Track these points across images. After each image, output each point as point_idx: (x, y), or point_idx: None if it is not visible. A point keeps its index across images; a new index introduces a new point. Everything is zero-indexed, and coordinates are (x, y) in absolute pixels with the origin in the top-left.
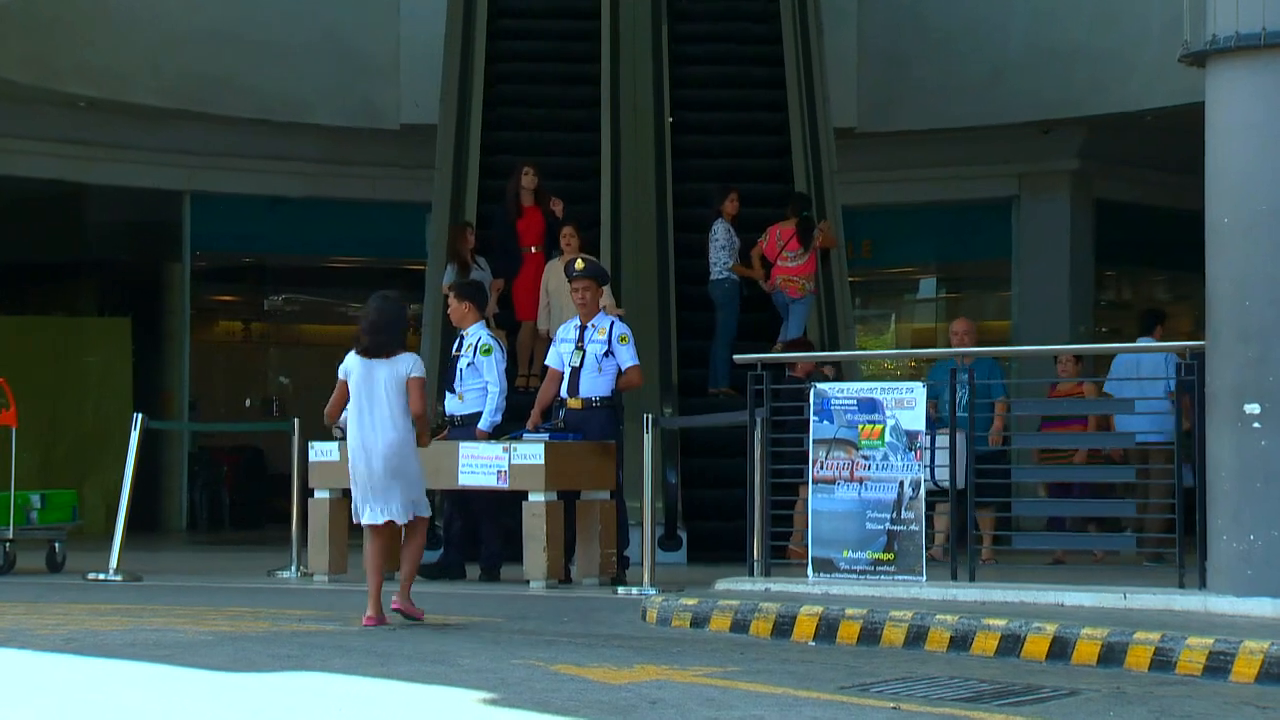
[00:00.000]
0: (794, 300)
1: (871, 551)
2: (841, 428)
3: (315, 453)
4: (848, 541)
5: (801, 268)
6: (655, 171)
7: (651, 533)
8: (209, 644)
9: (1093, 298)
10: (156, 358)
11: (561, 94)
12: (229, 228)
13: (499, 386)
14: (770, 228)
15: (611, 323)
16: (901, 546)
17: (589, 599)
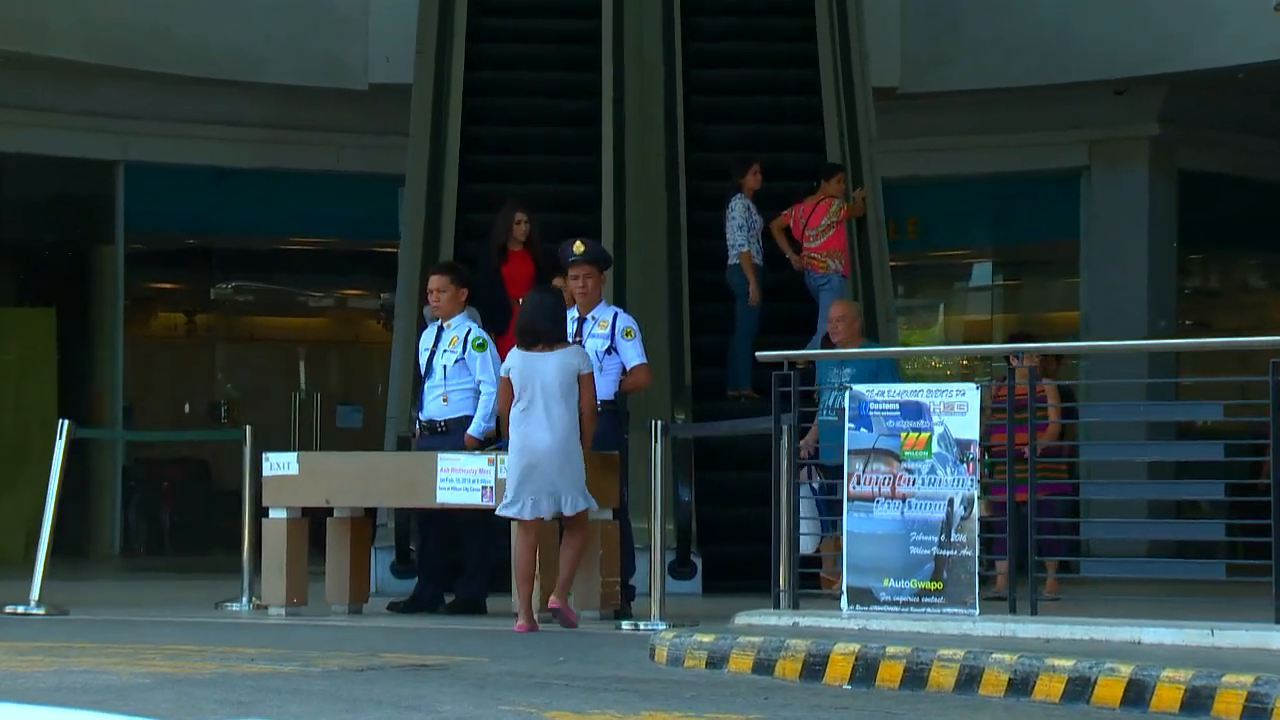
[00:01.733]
0: (819, 280)
1: (916, 580)
2: (882, 436)
3: (270, 465)
4: (889, 569)
5: (826, 243)
6: (665, 138)
7: (661, 559)
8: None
9: (1174, 285)
10: (85, 355)
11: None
12: (169, 204)
13: (494, 387)
14: (796, 204)
15: (615, 314)
16: (951, 574)
17: (589, 635)
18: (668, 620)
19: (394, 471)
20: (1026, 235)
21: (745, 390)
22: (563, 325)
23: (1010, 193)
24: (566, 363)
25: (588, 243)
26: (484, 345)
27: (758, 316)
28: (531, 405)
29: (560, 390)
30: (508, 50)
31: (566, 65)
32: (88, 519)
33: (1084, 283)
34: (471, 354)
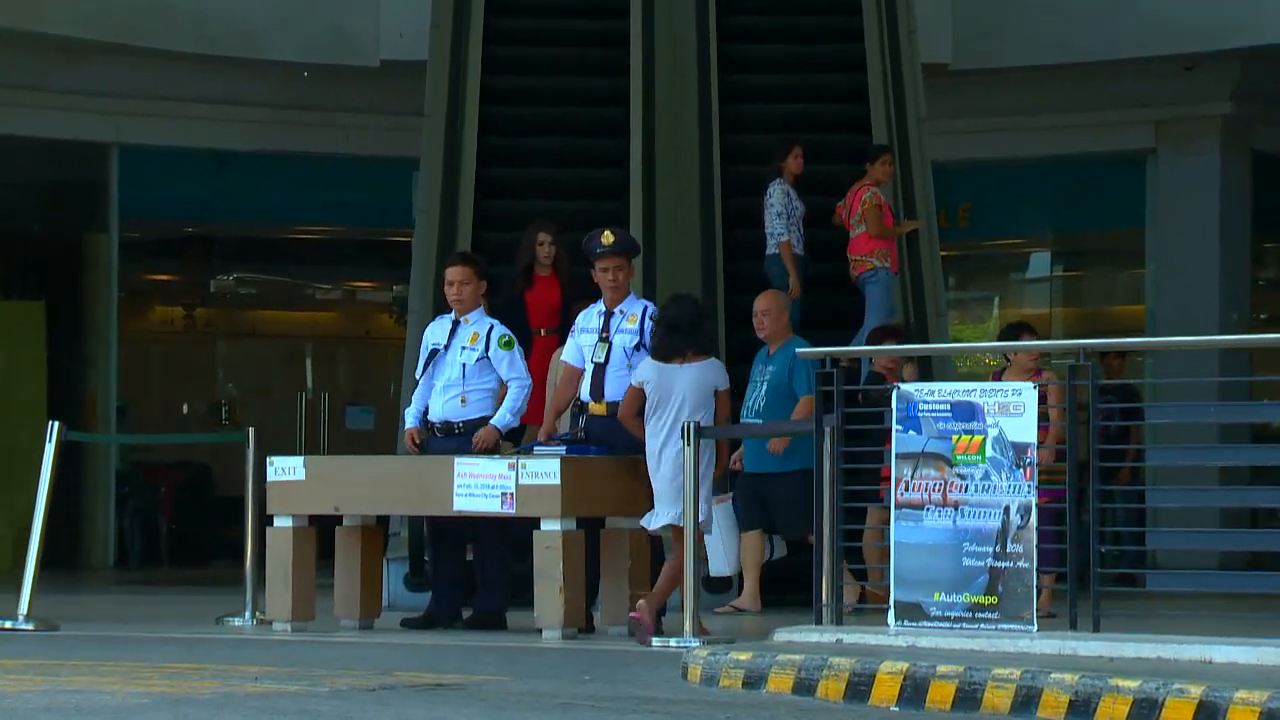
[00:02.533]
0: (864, 277)
1: (969, 594)
2: (932, 439)
3: (274, 470)
4: (939, 581)
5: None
6: (699, 119)
7: (695, 571)
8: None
9: (1248, 276)
10: (76, 352)
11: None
12: (166, 190)
13: (527, 383)
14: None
15: (644, 308)
16: (1007, 587)
17: (617, 652)
18: (702, 637)
19: (407, 477)
20: (1088, 223)
21: None
22: (700, 337)
23: (1070, 177)
24: (704, 378)
25: (616, 232)
26: (511, 343)
27: (799, 311)
28: (659, 418)
29: (695, 405)
30: (529, 25)
31: (592, 40)
32: (79, 528)
33: (1150, 274)
34: (498, 352)
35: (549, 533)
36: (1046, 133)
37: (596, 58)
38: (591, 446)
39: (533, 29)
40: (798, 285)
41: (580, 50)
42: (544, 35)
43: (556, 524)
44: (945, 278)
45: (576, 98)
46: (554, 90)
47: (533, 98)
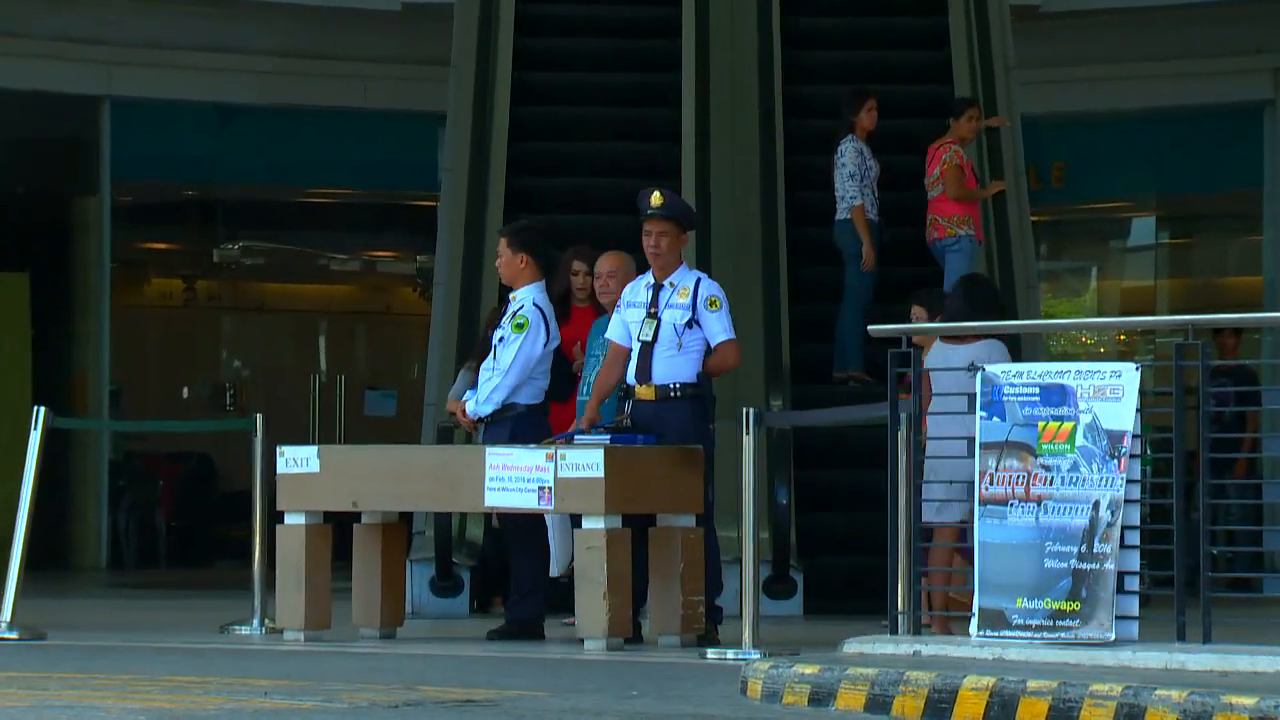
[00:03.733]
0: (945, 245)
1: (1050, 599)
2: (1017, 426)
3: (286, 461)
4: (1022, 585)
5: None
6: (759, 65)
7: (755, 574)
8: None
9: None
10: (64, 329)
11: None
12: (163, 148)
13: (513, 378)
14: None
15: (697, 280)
16: (1090, 592)
17: (668, 665)
18: (762, 648)
19: (433, 469)
20: (1197, 183)
21: (855, 371)
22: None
23: (1177, 132)
24: (979, 357)
25: (666, 194)
26: (524, 325)
27: (872, 283)
28: (941, 403)
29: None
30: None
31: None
32: (68, 526)
33: (1268, 240)
34: (509, 335)
35: (591, 531)
36: (1150, 82)
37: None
38: (639, 435)
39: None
40: (871, 254)
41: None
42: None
43: (600, 521)
44: (1036, 246)
45: (623, 30)
46: (596, 21)
47: (572, 31)
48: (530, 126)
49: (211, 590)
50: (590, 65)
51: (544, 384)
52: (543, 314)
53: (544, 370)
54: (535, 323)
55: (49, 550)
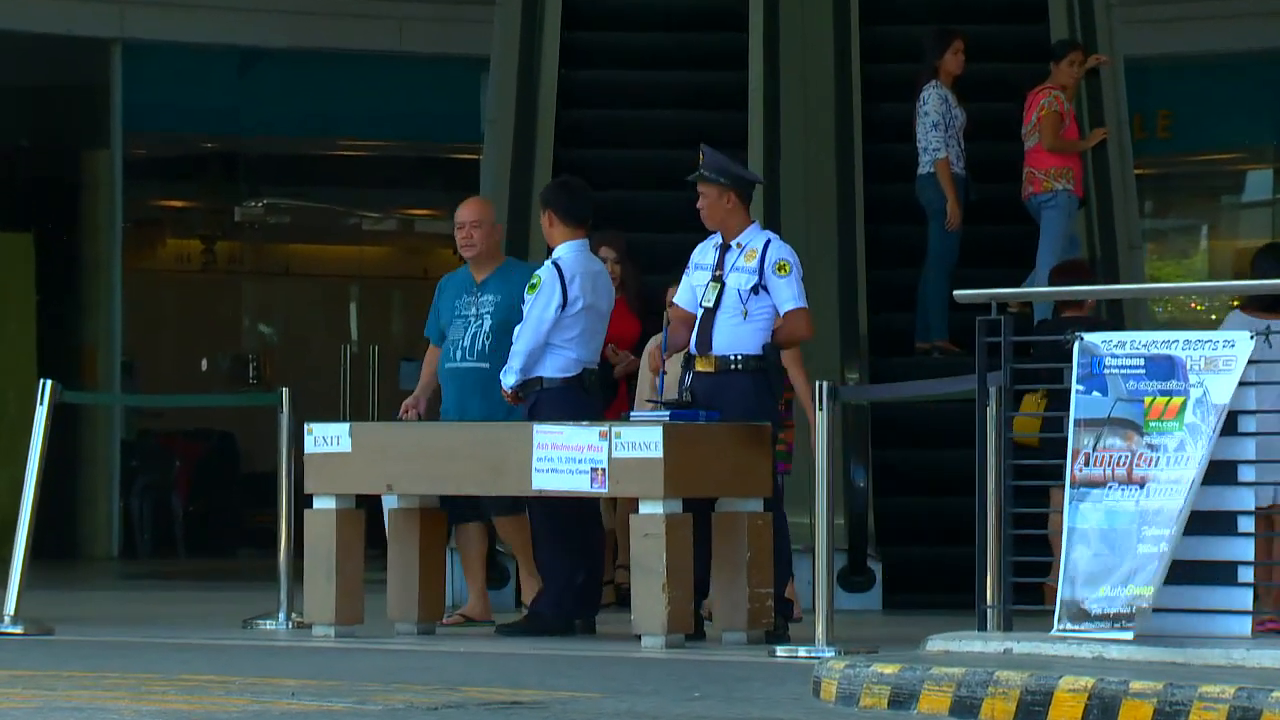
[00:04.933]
0: (1041, 201)
1: (1133, 585)
2: (1120, 401)
3: (314, 440)
4: (1111, 574)
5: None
6: (834, 5)
7: (829, 564)
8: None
9: None
10: (72, 295)
11: None
12: (180, 97)
13: (522, 344)
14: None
15: (767, 241)
16: None
17: (733, 664)
18: (837, 645)
19: (476, 448)
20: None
21: (940, 341)
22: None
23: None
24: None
25: (705, 152)
26: (535, 285)
27: (957, 243)
28: None
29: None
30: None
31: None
32: (78, 510)
33: None
34: (525, 296)
35: (649, 517)
36: (1267, 20)
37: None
38: (701, 411)
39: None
40: (957, 211)
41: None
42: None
43: (659, 506)
44: (1140, 202)
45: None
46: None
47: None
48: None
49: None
50: (647, 20)
51: (576, 355)
52: (560, 273)
53: (575, 339)
54: (549, 282)
55: (56, 538)
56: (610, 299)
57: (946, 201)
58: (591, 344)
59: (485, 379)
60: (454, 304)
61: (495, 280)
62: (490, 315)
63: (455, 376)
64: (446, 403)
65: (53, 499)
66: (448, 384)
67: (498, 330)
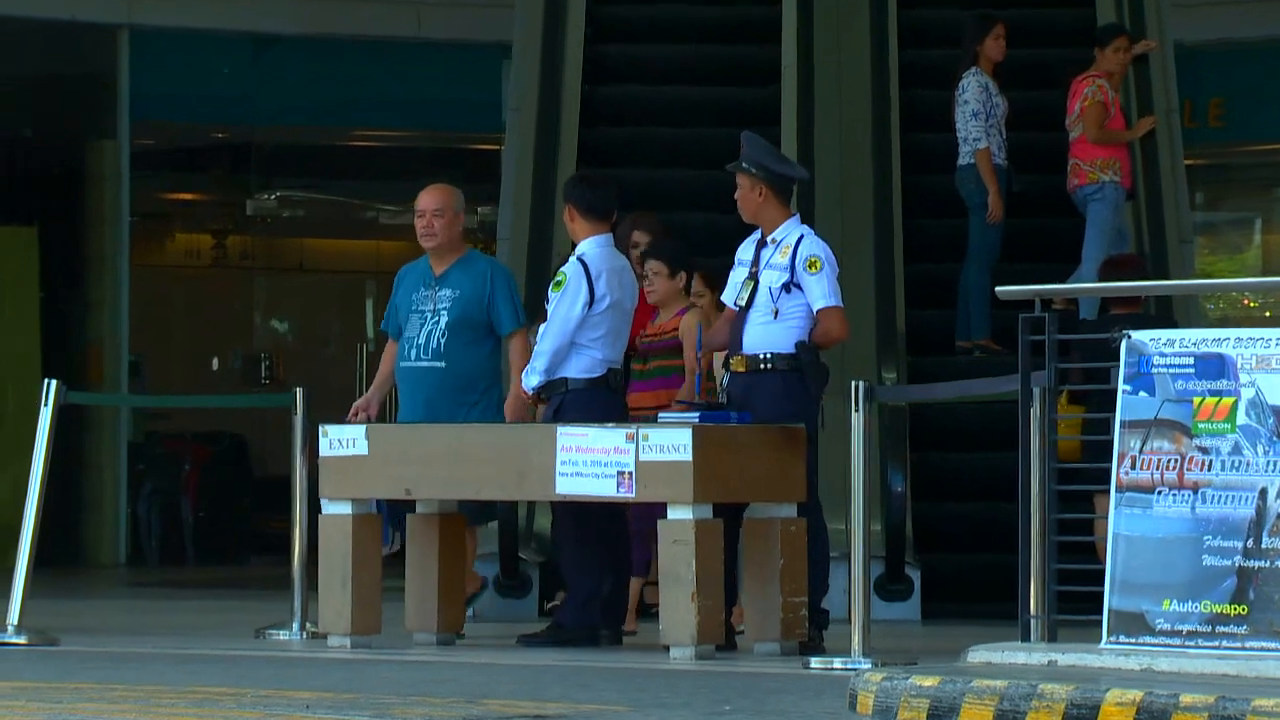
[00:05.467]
0: (1086, 193)
1: (1210, 602)
2: (1168, 402)
3: (330, 443)
4: (1170, 586)
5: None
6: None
7: (865, 571)
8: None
9: None
10: (77, 292)
11: None
12: (190, 86)
13: (547, 343)
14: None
15: (800, 237)
16: (1260, 594)
17: (765, 676)
18: (874, 656)
19: (498, 451)
20: None
21: (981, 340)
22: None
23: None
24: None
25: (742, 141)
26: (560, 283)
27: (999, 237)
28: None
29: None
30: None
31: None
32: (83, 515)
33: None
34: (550, 294)
35: (678, 523)
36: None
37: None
38: (732, 412)
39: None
40: (999, 204)
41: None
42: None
43: (688, 511)
44: (1191, 194)
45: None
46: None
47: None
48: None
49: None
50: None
51: (602, 355)
52: (585, 269)
53: (601, 338)
54: (575, 279)
55: (61, 544)
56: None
57: (988, 194)
58: (617, 344)
59: (441, 380)
60: (411, 297)
61: (455, 273)
62: (447, 311)
63: (410, 376)
64: (401, 404)
65: (57, 504)
66: (402, 384)
67: (455, 327)
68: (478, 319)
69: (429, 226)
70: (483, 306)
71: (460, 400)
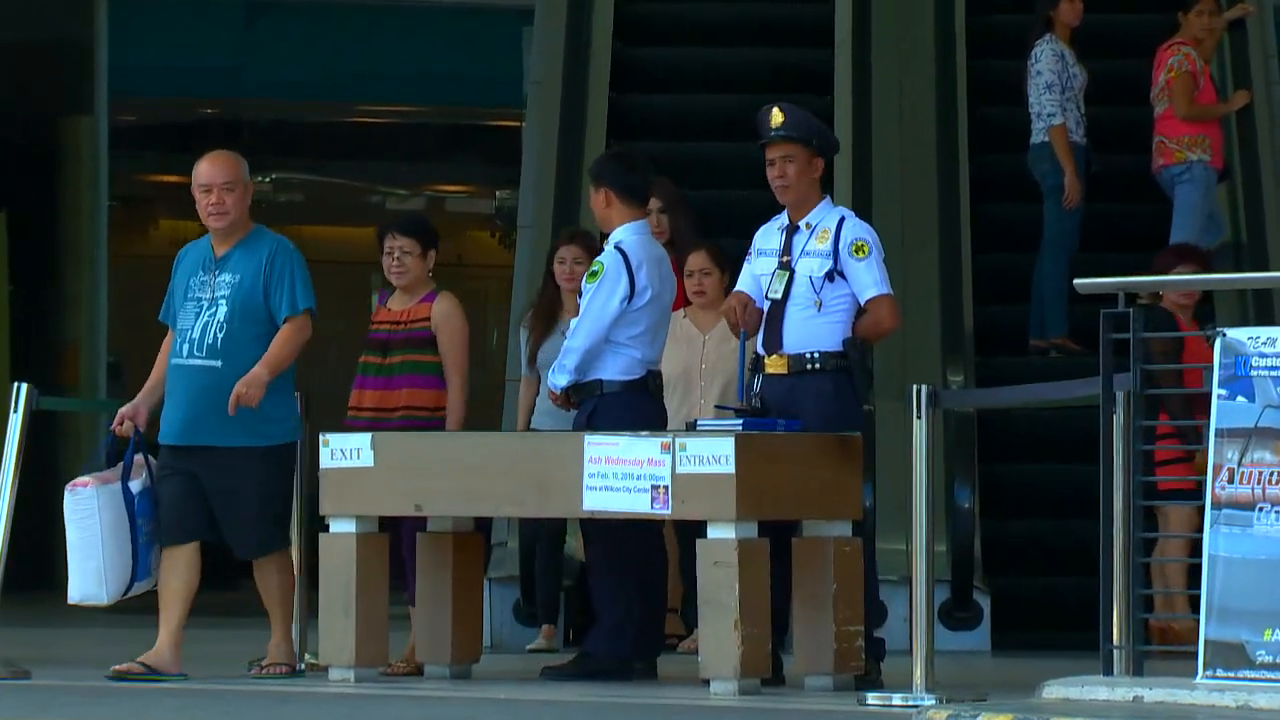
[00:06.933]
0: (1173, 173)
1: None
2: (1269, 408)
3: (331, 453)
4: (1274, 613)
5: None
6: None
7: (929, 597)
8: None
9: None
10: (51, 285)
11: None
12: (175, 55)
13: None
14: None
15: (841, 219)
16: None
17: (817, 713)
18: (939, 691)
19: (518, 463)
20: None
21: (1057, 338)
22: None
23: None
24: None
25: (788, 110)
26: (596, 273)
27: (1078, 224)
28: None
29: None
30: None
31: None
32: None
33: None
34: (585, 285)
35: (719, 542)
36: None
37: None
38: (779, 420)
39: None
40: (1077, 186)
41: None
42: None
43: (730, 530)
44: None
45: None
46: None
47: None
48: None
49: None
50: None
51: (641, 355)
52: (626, 259)
53: (640, 336)
54: (614, 270)
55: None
56: (674, 289)
57: (1064, 175)
58: (656, 343)
59: (217, 382)
60: (188, 283)
61: (238, 255)
62: (226, 300)
63: (181, 376)
64: (166, 409)
65: (29, 520)
66: (173, 384)
67: (235, 319)
68: (262, 309)
69: (219, 203)
70: (265, 294)
71: (241, 411)
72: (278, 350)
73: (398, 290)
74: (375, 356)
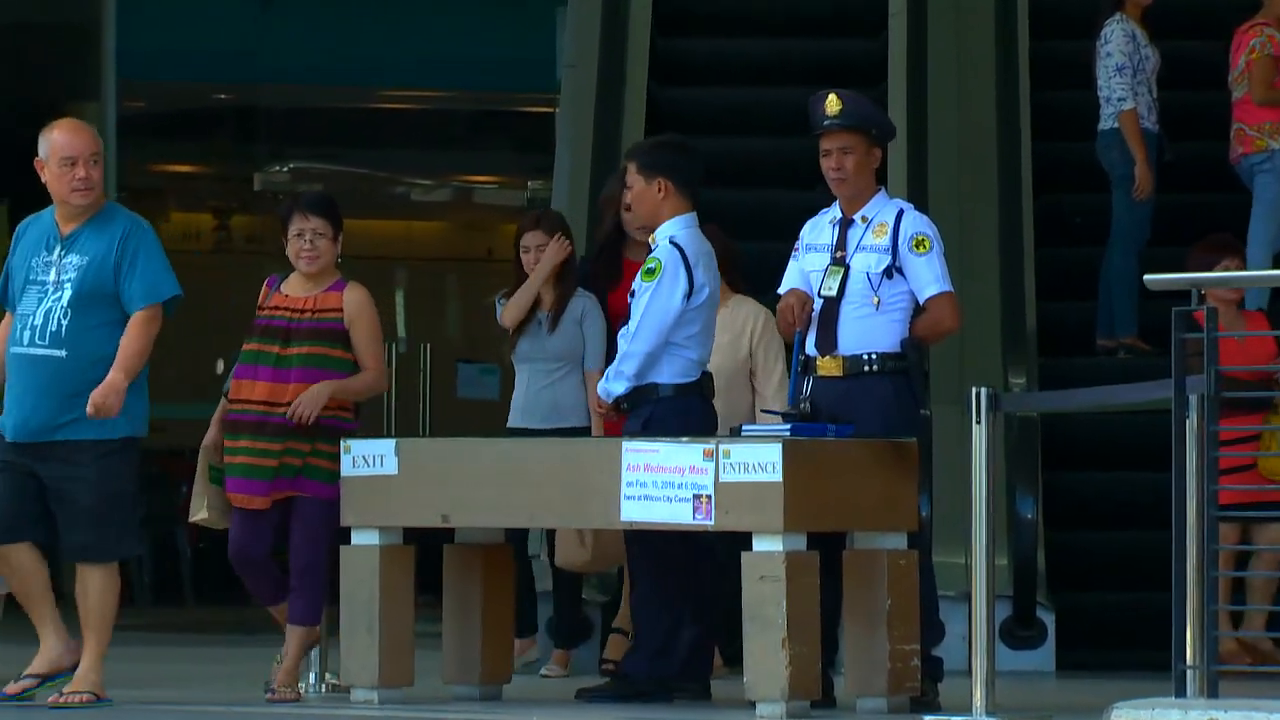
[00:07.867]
0: (1252, 162)
1: None
2: None
3: (353, 460)
4: None
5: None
6: None
7: (989, 614)
8: None
9: None
10: None
11: None
12: (186, 39)
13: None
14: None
15: (899, 212)
16: None
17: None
18: (1000, 714)
19: (552, 471)
20: None
21: (1127, 338)
22: None
23: None
24: None
25: (845, 97)
26: (654, 271)
27: (1148, 216)
28: None
29: None
30: None
31: None
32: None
33: None
34: (640, 284)
35: (765, 555)
36: None
37: None
38: (829, 425)
39: None
40: (1147, 176)
41: None
42: None
43: (778, 542)
44: None
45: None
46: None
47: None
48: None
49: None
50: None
51: (697, 356)
52: (683, 255)
53: (695, 336)
54: (672, 266)
55: None
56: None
57: (1134, 164)
58: (708, 342)
59: (59, 373)
60: (30, 263)
61: (87, 234)
62: (72, 284)
63: (21, 366)
64: (6, 398)
65: None
66: (12, 375)
67: (79, 304)
68: (111, 294)
69: (87, 178)
70: (115, 277)
71: (83, 402)
72: (130, 348)
73: (296, 276)
74: (274, 345)
